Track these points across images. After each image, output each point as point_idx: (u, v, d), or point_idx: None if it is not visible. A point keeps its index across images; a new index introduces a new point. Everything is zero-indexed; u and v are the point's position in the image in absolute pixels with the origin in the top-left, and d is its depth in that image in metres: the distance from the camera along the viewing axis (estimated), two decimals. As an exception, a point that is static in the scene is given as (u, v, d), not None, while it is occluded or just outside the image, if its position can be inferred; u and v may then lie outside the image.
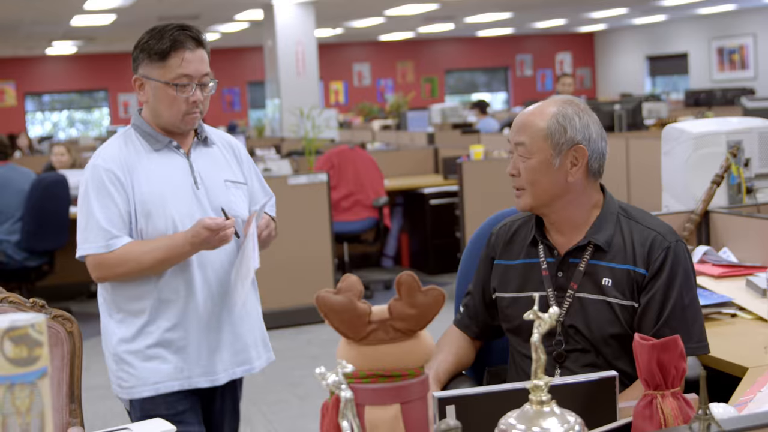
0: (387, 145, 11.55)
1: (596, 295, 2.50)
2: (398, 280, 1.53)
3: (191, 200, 2.94)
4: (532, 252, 2.62)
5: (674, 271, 2.49)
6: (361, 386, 1.52)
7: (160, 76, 2.88)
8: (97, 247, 2.86)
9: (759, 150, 4.18)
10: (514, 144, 2.55)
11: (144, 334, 2.95)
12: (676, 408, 1.67)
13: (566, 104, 2.55)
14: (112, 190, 2.87)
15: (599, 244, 2.52)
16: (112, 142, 2.99)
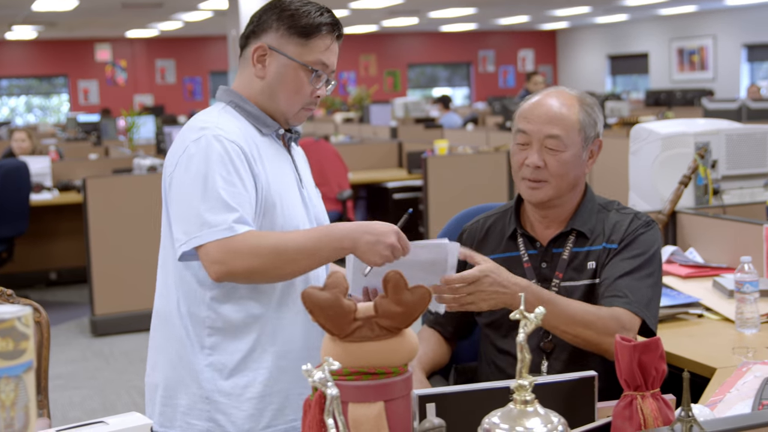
0: (351, 138, 11.53)
1: (581, 281, 2.52)
2: (385, 278, 1.52)
3: (299, 202, 2.44)
4: (510, 246, 2.61)
5: (644, 246, 2.52)
6: (346, 383, 1.51)
7: (297, 55, 2.38)
8: (222, 230, 2.20)
9: (726, 152, 4.22)
10: (545, 137, 2.47)
11: (249, 364, 2.36)
12: (655, 409, 1.68)
13: (579, 95, 2.55)
14: (240, 168, 2.28)
15: (583, 231, 2.54)
16: (217, 114, 2.39)
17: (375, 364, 1.52)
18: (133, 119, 9.62)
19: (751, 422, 1.51)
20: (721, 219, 3.92)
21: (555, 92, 2.55)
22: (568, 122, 2.48)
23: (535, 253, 2.58)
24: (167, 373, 2.39)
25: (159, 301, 2.44)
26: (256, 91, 2.42)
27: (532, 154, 2.50)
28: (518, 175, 2.55)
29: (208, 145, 2.28)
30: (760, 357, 2.79)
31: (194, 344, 2.35)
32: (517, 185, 2.58)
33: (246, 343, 2.34)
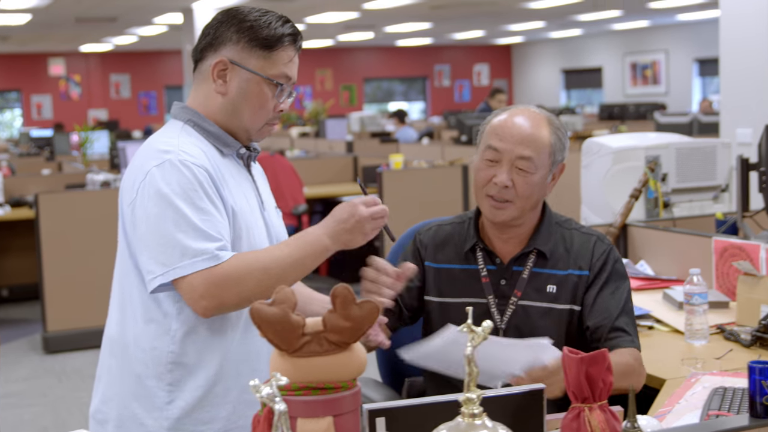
0: (306, 152, 11.53)
1: (540, 303, 2.53)
2: (333, 292, 1.53)
3: (263, 226, 2.33)
4: (469, 258, 2.59)
5: (616, 271, 2.57)
6: (294, 398, 1.51)
7: (260, 69, 2.25)
8: (206, 259, 2.09)
9: (676, 165, 4.27)
10: (517, 157, 2.46)
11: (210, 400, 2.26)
12: (603, 421, 1.69)
13: (549, 117, 2.54)
14: (210, 194, 2.17)
15: (543, 251, 2.55)
16: (179, 135, 2.26)
17: (323, 378, 1.52)
18: (87, 134, 9.55)
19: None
20: (671, 232, 3.96)
21: (526, 111, 2.52)
22: (540, 144, 2.47)
23: (494, 269, 2.57)
24: (121, 408, 2.26)
25: (114, 330, 2.30)
26: (216, 108, 2.29)
27: (502, 172, 2.47)
28: (482, 191, 2.52)
29: (174, 170, 2.15)
30: (709, 368, 2.82)
31: (154, 379, 2.22)
32: (480, 202, 2.55)
33: (209, 378, 2.23)
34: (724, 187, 4.43)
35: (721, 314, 3.40)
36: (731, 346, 3.07)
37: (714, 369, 2.81)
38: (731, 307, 3.48)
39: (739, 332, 3.13)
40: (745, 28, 6.55)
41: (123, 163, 8.35)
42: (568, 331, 2.55)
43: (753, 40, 6.50)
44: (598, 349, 2.49)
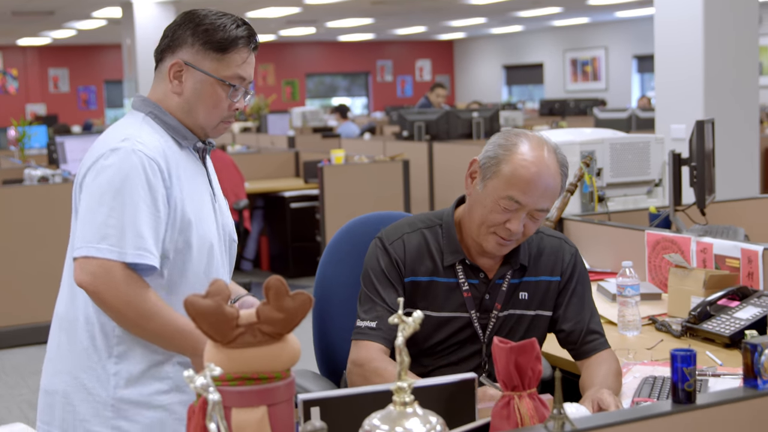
0: (248, 147, 11.50)
1: (515, 311, 2.59)
2: (266, 284, 1.55)
3: (212, 217, 2.45)
4: (448, 271, 2.56)
5: (582, 274, 2.65)
6: (228, 389, 1.53)
7: (213, 70, 2.37)
8: (118, 252, 2.23)
9: (610, 160, 4.35)
10: (536, 209, 2.43)
11: (155, 373, 2.38)
12: (532, 408, 1.73)
13: (560, 158, 2.49)
14: (155, 188, 2.29)
15: (523, 263, 2.58)
16: (137, 126, 2.38)
17: (257, 369, 1.55)
18: (24, 129, 9.44)
19: (619, 419, 1.57)
20: (606, 225, 4.04)
21: (546, 159, 2.44)
22: (556, 193, 2.47)
23: (477, 282, 2.57)
24: (69, 380, 2.36)
25: (63, 307, 2.41)
26: (173, 106, 2.41)
27: (517, 221, 2.43)
28: (488, 228, 2.46)
29: (126, 158, 2.27)
30: (640, 358, 2.89)
31: (101, 352, 2.34)
32: (481, 235, 2.49)
33: (154, 352, 2.35)
34: (657, 182, 4.52)
35: (653, 306, 3.47)
36: (662, 337, 3.15)
37: (645, 359, 2.88)
38: (663, 298, 3.56)
39: (670, 323, 3.20)
40: (679, 25, 6.67)
41: (62, 158, 8.27)
42: (538, 335, 2.62)
43: (686, 37, 6.62)
44: (574, 351, 2.60)
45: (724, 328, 3.01)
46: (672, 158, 3.95)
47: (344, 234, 3.01)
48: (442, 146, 9.41)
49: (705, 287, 3.28)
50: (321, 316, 2.94)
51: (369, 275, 2.58)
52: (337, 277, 2.96)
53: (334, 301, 2.94)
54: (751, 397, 1.69)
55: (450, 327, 2.56)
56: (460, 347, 2.58)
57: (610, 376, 2.47)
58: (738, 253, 3.35)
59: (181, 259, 2.36)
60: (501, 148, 2.46)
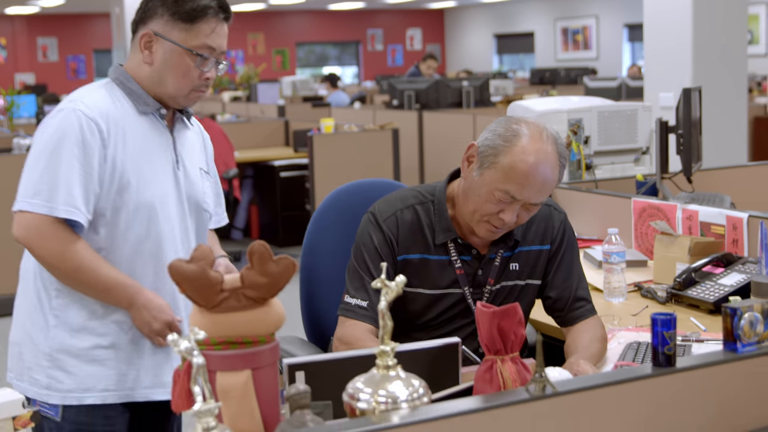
0: (237, 116, 11.48)
1: (507, 282, 2.59)
2: (250, 249, 1.56)
3: (170, 181, 2.51)
4: (440, 249, 2.55)
5: (571, 240, 2.66)
6: (213, 353, 1.55)
7: (182, 40, 2.44)
8: (49, 207, 2.34)
9: (598, 128, 4.36)
10: (531, 203, 2.41)
11: (93, 328, 2.47)
12: (514, 372, 1.75)
13: (560, 149, 2.44)
14: (91, 146, 2.37)
15: (516, 237, 2.58)
16: (93, 89, 2.49)
17: (242, 333, 1.56)
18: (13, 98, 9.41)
19: (599, 381, 1.60)
20: (593, 193, 4.06)
21: (546, 153, 2.39)
22: (553, 186, 2.45)
23: (469, 259, 2.56)
24: (21, 330, 2.51)
25: (23, 261, 2.55)
26: (145, 76, 2.48)
27: (511, 213, 2.42)
28: (482, 216, 2.45)
29: (66, 118, 2.38)
30: (625, 324, 2.92)
31: (44, 304, 2.46)
32: (473, 221, 2.48)
33: (93, 308, 2.45)
34: (645, 150, 4.53)
35: (639, 272, 3.49)
36: (647, 303, 3.17)
37: (630, 325, 2.90)
38: (649, 265, 3.58)
39: (655, 290, 3.22)
40: (669, -7, 6.67)
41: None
42: (527, 303, 2.65)
43: (675, 4, 6.62)
44: (560, 318, 2.61)
45: (709, 294, 3.03)
46: (659, 126, 3.97)
47: (331, 201, 3.02)
48: (432, 115, 9.40)
49: (690, 254, 3.29)
50: (308, 284, 2.96)
51: (361, 251, 2.56)
52: (324, 244, 2.97)
53: (322, 268, 2.96)
54: (730, 360, 1.71)
55: (443, 303, 2.57)
56: (453, 321, 2.59)
57: (594, 343, 2.49)
58: (723, 220, 3.37)
59: (118, 219, 2.43)
60: (501, 139, 2.41)
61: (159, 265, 2.47)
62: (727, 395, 1.71)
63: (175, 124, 2.57)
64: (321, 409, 1.73)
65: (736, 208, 3.96)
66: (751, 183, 4.54)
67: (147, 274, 2.47)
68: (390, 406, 1.52)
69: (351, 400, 1.55)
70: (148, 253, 2.47)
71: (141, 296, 2.43)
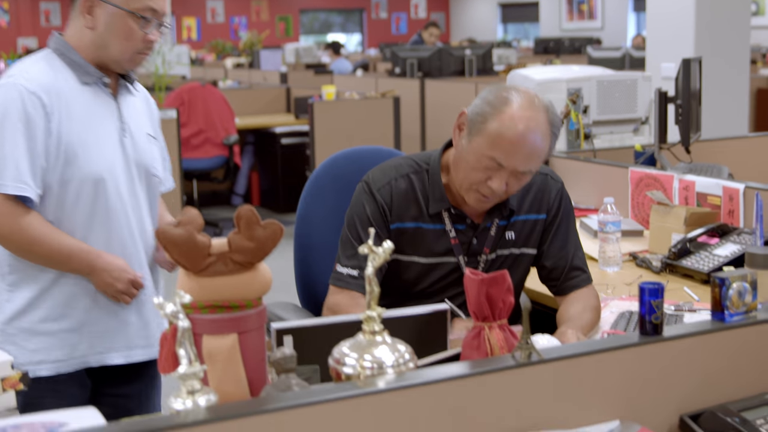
0: (239, 83, 11.45)
1: (502, 251, 2.59)
2: (237, 213, 1.56)
3: (116, 149, 2.51)
4: (434, 218, 2.53)
5: (567, 209, 2.65)
6: (199, 316, 1.55)
7: (124, 3, 2.43)
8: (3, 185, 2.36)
9: (597, 97, 4.34)
10: (520, 171, 2.37)
11: (43, 303, 2.50)
12: (502, 339, 1.76)
13: (552, 118, 2.40)
14: (35, 120, 2.37)
15: (512, 207, 2.56)
16: (33, 62, 2.48)
17: (229, 297, 1.56)
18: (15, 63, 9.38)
19: (586, 349, 1.60)
20: (591, 162, 4.05)
21: (535, 120, 2.35)
22: (543, 155, 2.40)
23: (464, 228, 2.55)
24: None
25: None
26: (88, 41, 2.48)
27: (499, 181, 2.38)
28: (471, 184, 2.42)
29: (7, 93, 2.38)
30: (619, 293, 2.92)
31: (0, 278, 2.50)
32: (464, 190, 2.46)
33: (45, 281, 2.47)
34: (644, 120, 4.52)
35: (635, 242, 3.50)
36: (642, 273, 3.17)
37: (623, 294, 2.91)
38: (645, 235, 3.58)
39: (650, 259, 3.23)
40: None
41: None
42: (522, 272, 2.65)
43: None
44: (555, 288, 2.61)
45: (703, 264, 3.03)
46: (658, 96, 3.95)
47: (327, 168, 3.01)
48: (434, 83, 9.37)
49: (686, 224, 3.29)
50: (302, 250, 2.96)
51: (354, 221, 2.56)
52: (318, 210, 2.97)
53: (316, 234, 2.96)
54: (717, 329, 1.71)
55: (438, 272, 2.57)
56: (447, 290, 2.59)
57: (587, 312, 2.49)
58: (720, 191, 3.36)
59: (66, 192, 2.43)
60: (489, 105, 2.38)
61: (110, 235, 2.50)
62: (713, 365, 1.71)
63: (120, 92, 2.57)
64: (309, 374, 1.73)
65: (734, 179, 3.95)
66: (751, 154, 4.53)
67: (98, 244, 2.48)
68: (375, 372, 1.53)
69: (337, 365, 1.55)
70: (99, 223, 2.48)
71: (100, 260, 2.45)
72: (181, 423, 1.32)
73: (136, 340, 2.61)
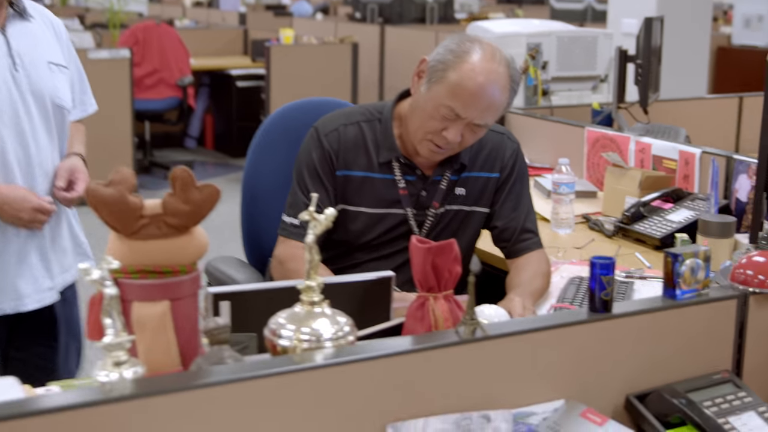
0: (197, 23, 11.24)
1: (452, 207, 2.53)
2: (173, 175, 1.48)
3: (9, 85, 2.42)
4: (384, 168, 2.48)
5: (522, 171, 2.60)
6: (130, 282, 1.47)
7: None
8: None
9: (557, 53, 4.27)
10: (476, 123, 2.33)
11: None
12: (447, 310, 1.69)
13: (512, 72, 2.35)
14: None
15: (463, 161, 2.51)
16: None
17: (161, 262, 1.48)
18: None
19: (533, 326, 1.54)
20: (548, 120, 3.99)
21: (496, 72, 2.30)
22: (501, 109, 2.36)
23: (413, 179, 2.50)
24: None
25: None
26: None
27: (455, 131, 2.33)
28: (425, 134, 2.37)
29: None
30: (570, 257, 2.88)
31: None
32: (417, 141, 2.40)
33: None
34: (603, 78, 4.46)
35: (588, 204, 3.45)
36: (594, 236, 3.13)
37: (574, 258, 2.86)
38: (599, 197, 3.54)
39: (603, 222, 3.18)
40: None
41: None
42: (473, 231, 2.59)
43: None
44: (506, 250, 2.57)
45: (656, 230, 2.99)
46: (619, 54, 3.89)
47: (277, 119, 2.93)
48: (395, 30, 9.25)
49: (640, 188, 3.25)
50: (250, 203, 2.88)
51: (301, 168, 2.50)
52: (268, 162, 2.89)
53: (264, 186, 2.88)
54: (668, 307, 1.66)
55: (385, 223, 2.51)
56: (394, 242, 2.53)
57: (536, 278, 2.45)
58: (676, 154, 3.32)
59: None
60: (451, 54, 2.32)
61: (5, 174, 2.42)
62: (663, 344, 1.67)
63: (8, 23, 2.46)
64: (245, 343, 1.66)
65: (691, 141, 3.92)
66: (708, 116, 4.49)
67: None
68: (313, 345, 1.46)
69: (273, 337, 1.48)
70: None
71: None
72: (104, 399, 1.25)
73: (42, 281, 2.54)
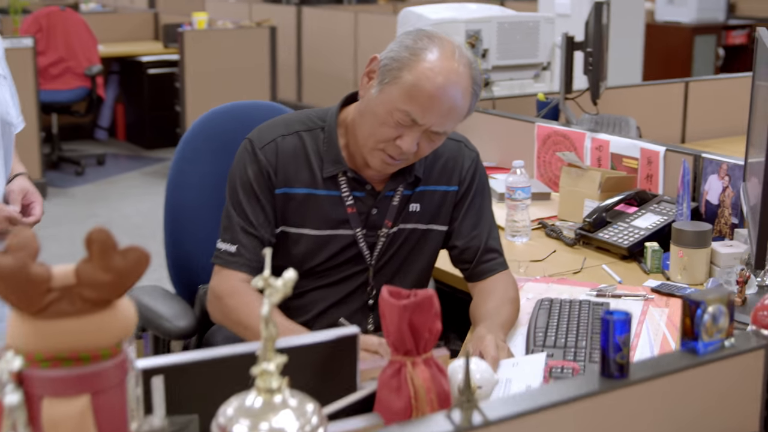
0: (103, 6, 10.75)
1: (405, 225, 2.24)
2: (89, 237, 1.16)
3: None
4: (329, 183, 2.19)
5: (482, 182, 2.32)
6: (38, 373, 1.15)
7: None
8: None
9: (497, 41, 4.00)
10: (433, 131, 2.06)
11: None
12: (428, 378, 1.41)
13: (473, 74, 2.09)
14: None
15: (417, 174, 2.22)
16: None
17: (77, 346, 1.16)
18: None
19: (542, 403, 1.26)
20: (491, 114, 3.72)
21: (457, 73, 2.03)
22: (461, 115, 2.09)
23: (362, 195, 2.20)
24: None
25: None
26: None
27: (410, 140, 2.05)
28: (377, 142, 2.08)
29: None
30: (533, 273, 2.63)
31: None
32: (367, 148, 2.12)
33: None
34: (545, 65, 4.21)
35: (542, 207, 3.20)
36: (554, 245, 2.88)
37: (537, 274, 2.60)
38: (553, 198, 3.29)
39: (561, 229, 2.93)
40: None
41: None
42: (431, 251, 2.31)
43: None
44: (468, 272, 2.28)
45: (622, 238, 2.75)
46: (565, 41, 3.64)
47: (200, 127, 2.61)
48: (312, 11, 8.93)
49: (601, 190, 3.00)
50: (174, 224, 2.56)
51: (235, 186, 2.18)
52: (192, 176, 2.57)
53: (189, 204, 2.57)
54: (691, 366, 1.39)
55: (331, 247, 2.20)
56: (342, 267, 2.24)
57: (504, 306, 2.17)
58: (637, 152, 3.07)
59: None
60: (407, 51, 2.04)
61: None
62: (686, 406, 1.40)
63: None
64: (183, 426, 1.36)
65: (641, 131, 3.70)
66: (652, 104, 4.26)
67: None
68: (274, 445, 1.16)
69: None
70: None
71: None
72: None
73: None
